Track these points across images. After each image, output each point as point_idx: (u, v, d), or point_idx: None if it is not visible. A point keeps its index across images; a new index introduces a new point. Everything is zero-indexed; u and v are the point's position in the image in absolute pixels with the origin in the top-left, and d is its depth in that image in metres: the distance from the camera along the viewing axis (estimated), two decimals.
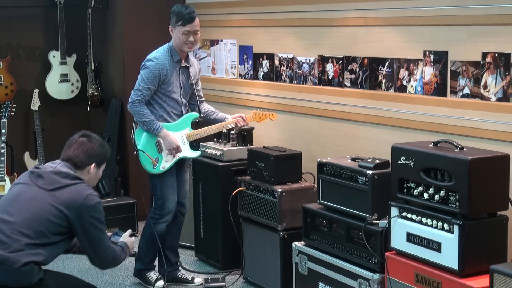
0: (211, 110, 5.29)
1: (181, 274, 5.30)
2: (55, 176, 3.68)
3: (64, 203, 3.60)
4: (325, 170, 4.47)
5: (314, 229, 4.56)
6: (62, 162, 3.79)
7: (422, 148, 3.81)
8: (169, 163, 5.00)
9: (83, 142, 3.83)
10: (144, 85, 4.90)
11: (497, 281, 3.25)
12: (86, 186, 3.72)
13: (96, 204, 3.68)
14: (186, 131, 5.07)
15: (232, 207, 5.21)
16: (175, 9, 4.96)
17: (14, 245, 3.50)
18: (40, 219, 3.56)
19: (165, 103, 4.99)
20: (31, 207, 3.59)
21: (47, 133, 7.00)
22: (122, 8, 6.79)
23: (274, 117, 5.26)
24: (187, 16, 4.90)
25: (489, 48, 4.12)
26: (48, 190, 3.63)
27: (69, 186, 3.65)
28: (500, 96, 4.09)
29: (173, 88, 5.00)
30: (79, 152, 3.80)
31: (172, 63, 4.96)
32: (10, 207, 3.64)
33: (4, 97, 6.72)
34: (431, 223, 3.72)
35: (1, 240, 3.52)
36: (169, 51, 4.98)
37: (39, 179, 3.68)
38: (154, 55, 4.98)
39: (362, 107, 4.99)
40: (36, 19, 7.13)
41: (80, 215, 3.61)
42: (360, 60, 4.99)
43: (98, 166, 3.87)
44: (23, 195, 3.66)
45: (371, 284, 4.06)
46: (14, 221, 3.56)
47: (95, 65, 7.04)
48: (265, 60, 5.88)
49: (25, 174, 3.80)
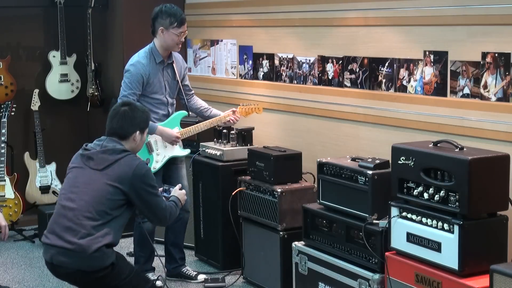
0: (204, 106, 5.30)
1: (186, 270, 5.32)
2: (103, 154, 3.88)
3: (117, 179, 3.81)
4: (325, 170, 4.47)
5: (314, 229, 4.56)
6: (108, 138, 3.96)
7: (422, 148, 3.81)
8: (159, 163, 5.04)
9: (125, 111, 4.00)
10: (129, 91, 4.94)
11: (497, 281, 3.25)
12: (133, 157, 3.91)
13: (146, 172, 3.89)
14: (176, 130, 5.09)
15: (232, 207, 5.21)
16: (166, 10, 4.94)
17: (82, 230, 3.73)
18: (100, 199, 3.78)
19: (151, 105, 5.00)
20: (89, 190, 3.81)
21: (47, 133, 7.00)
22: (122, 8, 6.78)
23: (260, 111, 5.36)
24: (181, 17, 4.93)
25: (489, 48, 4.12)
26: (100, 170, 3.85)
27: (118, 161, 3.85)
28: (500, 96, 4.09)
29: (158, 89, 5.02)
30: (122, 123, 3.97)
31: (154, 65, 4.98)
32: (71, 194, 3.86)
33: (4, 97, 6.72)
34: (431, 223, 3.72)
35: (70, 227, 3.76)
36: (150, 53, 4.99)
37: (90, 161, 3.89)
38: (135, 59, 5.00)
39: (362, 107, 4.99)
40: (36, 19, 7.13)
41: (133, 186, 3.83)
42: (360, 60, 4.99)
43: (142, 132, 4.04)
44: (80, 179, 3.88)
45: (371, 284, 4.06)
46: (77, 207, 3.78)
47: (95, 65, 7.04)
48: (265, 60, 5.88)
49: (77, 156, 3.99)
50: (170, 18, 4.91)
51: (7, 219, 5.81)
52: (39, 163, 6.81)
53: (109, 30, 7.08)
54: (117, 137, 3.96)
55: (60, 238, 3.77)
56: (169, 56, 5.08)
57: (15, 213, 6.55)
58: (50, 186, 6.85)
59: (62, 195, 3.91)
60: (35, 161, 6.83)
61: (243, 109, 5.32)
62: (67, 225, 3.77)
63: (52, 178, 6.86)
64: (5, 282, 5.40)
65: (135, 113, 4.02)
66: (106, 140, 3.96)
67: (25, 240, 6.41)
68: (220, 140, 5.60)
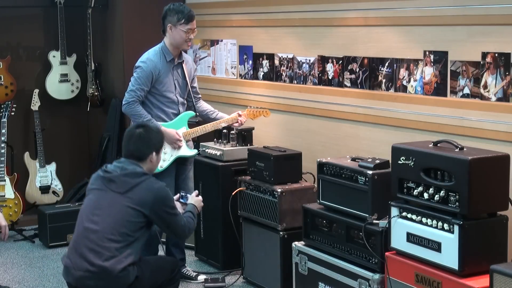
0: (210, 109, 5.31)
1: (186, 271, 5.32)
2: (125, 178, 3.94)
3: (139, 202, 3.89)
4: (325, 170, 4.47)
5: (314, 229, 4.56)
6: (127, 160, 4.03)
7: (422, 148, 3.81)
8: (166, 162, 5.02)
9: (140, 133, 4.06)
10: (137, 86, 4.95)
11: (497, 281, 3.25)
12: (153, 181, 3.98)
13: (165, 195, 3.98)
14: (183, 129, 5.09)
15: (232, 207, 5.21)
16: (174, 7, 4.99)
17: (106, 253, 3.81)
18: (122, 222, 3.86)
19: (161, 103, 5.02)
20: (112, 213, 3.88)
21: (47, 133, 7.00)
22: (122, 8, 6.78)
23: (268, 114, 5.34)
24: (189, 14, 4.95)
25: (489, 48, 4.12)
26: (122, 193, 3.91)
27: (139, 185, 3.92)
28: (500, 96, 4.09)
29: (168, 88, 5.03)
30: (139, 145, 4.03)
31: (165, 63, 4.99)
32: (93, 216, 3.91)
33: (4, 97, 6.72)
34: (431, 223, 3.72)
35: (94, 250, 3.82)
36: (161, 51, 5.01)
37: (111, 184, 3.95)
38: (146, 56, 5.03)
39: (362, 107, 4.99)
40: (36, 19, 7.13)
41: (155, 210, 3.92)
42: (360, 60, 4.99)
43: (158, 153, 4.10)
44: (102, 202, 3.94)
45: (371, 284, 4.06)
46: (100, 229, 3.85)
47: (95, 65, 7.04)
48: (265, 60, 5.88)
49: (97, 178, 4.04)
50: (178, 15, 4.94)
51: (7, 219, 5.80)
52: (39, 163, 6.81)
53: (109, 30, 7.08)
54: (134, 159, 4.02)
55: (85, 260, 3.82)
56: (180, 55, 5.09)
57: (15, 213, 6.55)
58: (50, 186, 6.85)
59: (84, 217, 3.96)
60: (35, 161, 6.83)
61: (251, 111, 5.31)
62: (90, 247, 3.83)
63: (52, 178, 6.86)
64: (5, 282, 5.40)
65: (150, 135, 4.07)
66: (125, 162, 4.01)
67: (25, 240, 6.41)
68: (220, 140, 5.60)
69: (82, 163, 7.38)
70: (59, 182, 6.89)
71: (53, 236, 6.18)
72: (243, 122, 5.27)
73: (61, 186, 6.90)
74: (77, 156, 7.38)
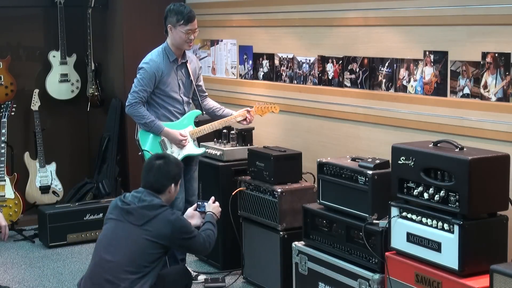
0: (217, 106, 5.30)
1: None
2: (143, 210, 3.97)
3: (157, 235, 3.93)
4: (325, 170, 4.47)
5: (314, 229, 4.56)
6: (145, 191, 4.05)
7: (422, 148, 3.81)
8: None
9: (160, 166, 4.10)
10: (140, 87, 4.95)
11: (497, 281, 3.25)
12: (170, 213, 4.01)
13: (182, 224, 4.03)
14: (189, 128, 5.09)
15: (232, 207, 5.21)
16: (174, 8, 4.97)
17: (122, 284, 3.84)
18: (139, 254, 3.90)
19: (167, 103, 5.02)
20: (129, 245, 3.91)
21: (47, 133, 7.00)
22: (122, 8, 6.79)
23: (277, 110, 5.29)
24: (188, 15, 4.94)
25: (489, 48, 4.12)
26: (140, 225, 3.94)
27: (156, 217, 3.95)
28: (500, 96, 4.09)
29: (172, 88, 5.03)
30: (159, 177, 4.07)
31: (168, 64, 4.99)
32: (110, 246, 3.96)
33: (4, 97, 6.72)
34: (431, 223, 3.72)
35: (110, 280, 3.86)
36: (164, 51, 5.01)
37: (129, 216, 3.98)
38: (149, 57, 5.03)
39: (362, 107, 4.99)
40: (36, 19, 7.13)
41: (173, 240, 4.00)
42: (360, 60, 4.99)
43: (176, 184, 4.16)
44: (119, 233, 3.98)
45: (371, 284, 4.06)
46: (117, 261, 3.89)
47: (95, 65, 7.04)
48: (265, 60, 5.88)
49: (115, 207, 4.06)
50: (177, 16, 4.93)
51: (7, 219, 5.81)
52: (39, 163, 6.81)
53: (109, 30, 7.08)
54: (153, 190, 4.05)
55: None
56: (183, 55, 5.09)
57: (15, 213, 6.55)
58: (50, 186, 6.85)
59: (101, 246, 4.00)
60: (35, 161, 6.83)
61: (259, 108, 5.24)
62: (106, 278, 3.87)
63: (52, 178, 6.86)
64: (5, 282, 5.40)
65: (170, 167, 4.11)
66: (143, 193, 4.04)
67: (25, 240, 6.41)
68: (220, 140, 5.60)
69: (82, 163, 7.38)
70: (59, 182, 6.89)
71: (53, 236, 6.18)
72: (251, 120, 5.20)
73: (61, 186, 6.90)
74: (77, 156, 7.38)
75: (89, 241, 6.24)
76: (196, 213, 4.36)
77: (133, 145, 6.68)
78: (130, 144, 6.77)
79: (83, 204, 6.44)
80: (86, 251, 6.08)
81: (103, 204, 6.33)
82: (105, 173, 6.92)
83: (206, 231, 4.18)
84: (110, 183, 6.83)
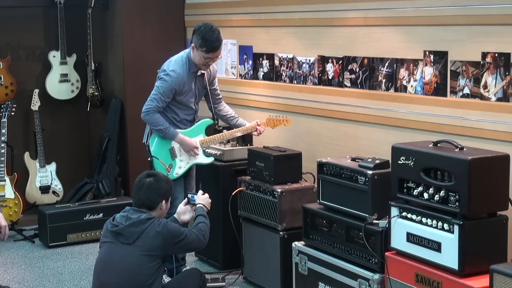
0: (231, 115, 5.28)
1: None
2: (131, 228, 4.01)
3: (150, 249, 3.99)
4: (325, 170, 4.47)
5: (314, 229, 4.56)
6: (131, 209, 4.10)
7: (422, 148, 3.81)
8: (182, 169, 5.05)
9: (151, 183, 4.14)
10: (159, 96, 4.94)
11: (497, 281, 3.25)
12: (156, 223, 4.03)
13: (170, 230, 4.05)
14: (200, 137, 5.10)
15: (232, 207, 5.21)
16: (202, 31, 4.87)
17: None
18: (138, 270, 3.97)
19: (179, 110, 5.04)
20: (126, 265, 3.98)
21: (47, 133, 7.00)
22: (122, 8, 6.79)
23: (288, 123, 5.26)
24: (212, 45, 4.86)
25: (489, 48, 4.12)
26: (131, 243, 3.99)
27: (145, 231, 4.00)
28: (500, 96, 4.09)
29: (189, 98, 5.04)
30: (150, 194, 4.11)
31: (189, 75, 4.99)
32: (108, 271, 4.03)
33: (4, 97, 6.72)
34: (431, 223, 3.72)
35: None
36: (187, 62, 4.97)
37: (120, 237, 4.02)
38: (173, 67, 4.95)
39: (362, 107, 4.99)
40: (36, 19, 7.13)
41: (167, 248, 4.06)
42: (360, 60, 4.99)
43: (167, 201, 4.21)
44: (114, 255, 4.03)
45: (371, 284, 4.06)
46: (116, 283, 3.98)
47: (95, 65, 7.04)
48: (265, 60, 5.88)
49: (107, 230, 4.12)
50: (202, 41, 4.85)
51: (7, 219, 5.80)
52: (39, 163, 6.81)
53: (109, 30, 7.08)
54: (145, 208, 4.10)
55: None
56: None
57: (15, 213, 6.55)
58: (50, 186, 6.85)
59: (100, 270, 4.07)
60: (35, 161, 6.83)
61: (271, 120, 5.22)
62: None
63: (52, 178, 6.86)
64: (5, 282, 5.40)
65: (160, 184, 4.15)
66: (130, 211, 4.09)
67: (25, 240, 6.41)
68: None
69: (82, 163, 7.38)
70: (59, 182, 6.89)
71: (53, 236, 6.18)
72: (261, 132, 5.19)
73: (61, 186, 6.90)
74: (77, 156, 7.39)
75: (89, 241, 6.24)
76: (187, 208, 4.40)
77: (133, 145, 6.71)
78: (130, 144, 6.77)
79: (83, 204, 6.44)
80: (86, 251, 6.08)
81: (103, 204, 6.33)
82: (105, 173, 6.93)
83: (198, 225, 4.24)
84: (110, 183, 6.83)
